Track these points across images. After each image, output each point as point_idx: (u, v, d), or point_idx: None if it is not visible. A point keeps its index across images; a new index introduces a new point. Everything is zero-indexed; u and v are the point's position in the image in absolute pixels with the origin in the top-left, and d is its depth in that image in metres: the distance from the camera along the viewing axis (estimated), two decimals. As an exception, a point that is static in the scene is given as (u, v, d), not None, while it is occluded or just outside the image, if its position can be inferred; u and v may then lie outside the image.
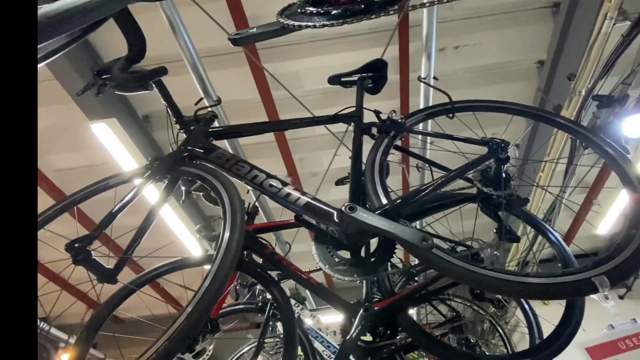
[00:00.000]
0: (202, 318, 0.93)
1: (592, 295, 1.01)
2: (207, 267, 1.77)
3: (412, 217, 1.53)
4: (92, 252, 1.10)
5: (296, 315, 2.81)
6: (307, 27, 0.87)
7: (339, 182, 2.45)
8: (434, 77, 2.41)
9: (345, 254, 1.29)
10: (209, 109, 1.74)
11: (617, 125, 2.73)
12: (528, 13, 3.23)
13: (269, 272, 1.83)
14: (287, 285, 2.96)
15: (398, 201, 1.25)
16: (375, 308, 1.43)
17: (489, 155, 1.36)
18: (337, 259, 1.23)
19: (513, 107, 1.72)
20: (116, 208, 1.24)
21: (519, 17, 3.22)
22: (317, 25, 0.86)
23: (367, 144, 1.60)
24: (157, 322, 1.57)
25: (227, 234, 1.10)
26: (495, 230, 1.42)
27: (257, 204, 2.11)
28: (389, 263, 1.41)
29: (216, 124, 1.83)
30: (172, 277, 1.82)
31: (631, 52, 2.60)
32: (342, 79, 1.89)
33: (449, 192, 1.59)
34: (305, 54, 3.29)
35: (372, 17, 0.87)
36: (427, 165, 1.81)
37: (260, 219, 3.62)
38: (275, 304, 2.03)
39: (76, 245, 1.08)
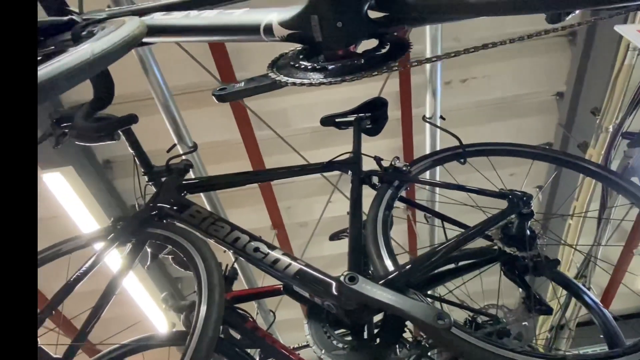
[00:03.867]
0: None
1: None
2: (176, 347, 1.71)
3: (423, 286, 1.52)
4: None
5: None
6: (303, 84, 0.92)
7: (334, 237, 2.45)
8: (441, 117, 2.50)
9: (345, 333, 1.26)
10: (183, 157, 1.77)
11: (651, 166, 2.83)
12: (541, 42, 3.43)
13: (247, 350, 1.78)
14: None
15: (407, 267, 1.25)
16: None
17: (510, 211, 1.39)
18: (335, 342, 1.20)
19: (533, 152, 1.78)
20: (71, 280, 1.22)
21: (531, 47, 3.42)
22: (314, 82, 0.91)
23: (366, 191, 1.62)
24: None
25: (203, 309, 1.08)
26: (522, 300, 1.41)
27: (236, 265, 2.09)
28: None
29: (191, 174, 1.85)
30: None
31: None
32: (337, 120, 1.96)
33: (465, 253, 1.60)
34: (293, 91, 3.40)
35: (374, 73, 0.93)
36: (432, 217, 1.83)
37: (240, 283, 3.55)
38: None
39: None
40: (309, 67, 0.95)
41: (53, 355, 1.10)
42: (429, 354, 2.37)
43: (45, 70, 0.66)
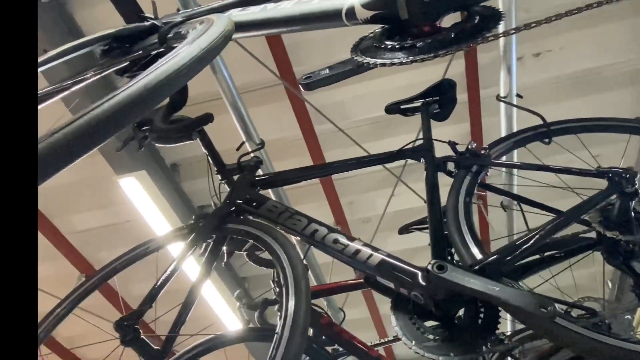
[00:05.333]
0: None
1: None
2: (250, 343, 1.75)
3: (513, 276, 1.46)
4: (140, 330, 1.16)
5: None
6: (393, 64, 0.92)
7: (405, 230, 2.42)
8: (518, 95, 2.40)
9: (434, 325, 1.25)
10: (253, 155, 1.83)
11: None
12: (624, 4, 3.17)
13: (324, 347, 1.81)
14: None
15: (497, 256, 1.22)
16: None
17: (611, 190, 1.30)
18: (425, 333, 1.19)
19: (630, 125, 1.66)
20: (163, 278, 1.31)
21: (614, 10, 3.16)
22: (405, 61, 0.91)
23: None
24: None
25: (291, 303, 1.09)
26: (631, 288, 1.32)
27: (305, 261, 2.13)
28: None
29: (259, 170, 1.92)
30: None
31: None
32: (402, 107, 1.93)
33: (557, 241, 1.52)
34: (351, 81, 3.40)
35: (470, 46, 0.91)
36: (515, 203, 1.76)
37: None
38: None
39: (125, 323, 1.14)
40: (397, 47, 0.94)
41: (154, 346, 1.19)
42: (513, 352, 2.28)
43: (163, 68, 0.72)
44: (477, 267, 1.17)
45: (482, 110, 3.40)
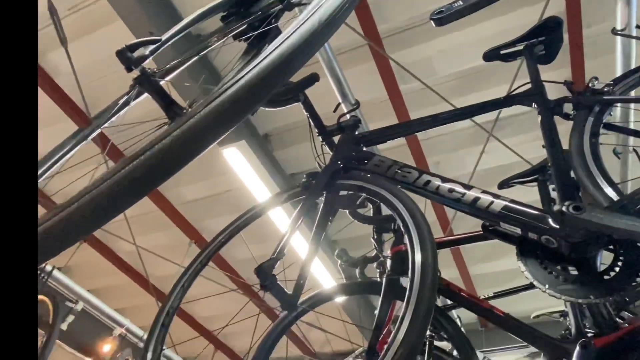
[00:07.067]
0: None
1: None
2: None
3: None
4: (276, 276, 1.23)
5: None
6: None
7: (505, 184, 2.30)
8: (638, 26, 2.12)
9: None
10: (350, 115, 1.82)
11: None
12: None
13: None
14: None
15: (635, 195, 1.10)
16: (597, 345, 1.26)
17: None
18: (559, 276, 1.13)
19: None
20: (288, 232, 1.37)
21: None
22: None
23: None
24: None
25: (418, 256, 1.02)
26: None
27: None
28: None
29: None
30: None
31: None
32: (502, 52, 1.79)
33: None
34: (436, 34, 3.23)
35: None
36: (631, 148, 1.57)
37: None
38: (447, 336, 1.95)
39: (264, 270, 1.21)
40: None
41: (287, 292, 1.25)
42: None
43: (320, 13, 0.71)
44: (620, 206, 1.07)
45: (586, 52, 3.06)
